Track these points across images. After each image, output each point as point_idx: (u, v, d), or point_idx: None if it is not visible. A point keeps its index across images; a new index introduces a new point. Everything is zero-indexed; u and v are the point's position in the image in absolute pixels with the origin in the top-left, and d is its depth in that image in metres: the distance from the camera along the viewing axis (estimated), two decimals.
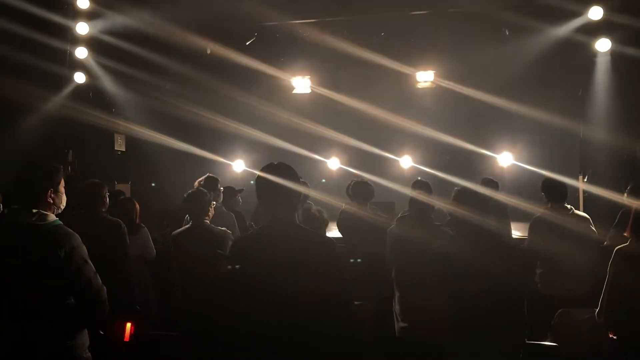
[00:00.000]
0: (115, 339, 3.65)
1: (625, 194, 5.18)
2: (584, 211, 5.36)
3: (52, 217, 2.92)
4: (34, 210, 2.86)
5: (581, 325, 4.09)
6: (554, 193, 4.98)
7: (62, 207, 3.06)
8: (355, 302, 4.27)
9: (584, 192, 7.35)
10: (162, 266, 5.14)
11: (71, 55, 7.71)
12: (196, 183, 5.27)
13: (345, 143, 9.62)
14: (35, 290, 2.79)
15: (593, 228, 4.90)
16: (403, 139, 9.64)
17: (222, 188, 5.57)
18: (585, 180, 7.50)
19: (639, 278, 3.50)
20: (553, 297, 4.66)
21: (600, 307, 3.68)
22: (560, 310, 4.40)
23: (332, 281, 2.54)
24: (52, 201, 2.95)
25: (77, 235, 2.92)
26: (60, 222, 2.93)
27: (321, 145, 9.88)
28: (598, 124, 7.24)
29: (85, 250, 2.92)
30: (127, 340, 3.71)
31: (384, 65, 8.78)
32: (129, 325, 3.72)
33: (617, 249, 3.64)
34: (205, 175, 5.41)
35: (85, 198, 4.58)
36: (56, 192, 2.98)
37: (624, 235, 3.72)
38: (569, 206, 4.92)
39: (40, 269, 2.79)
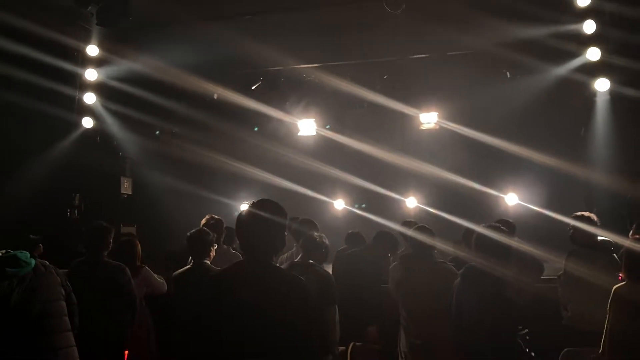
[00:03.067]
0: None
1: (631, 233, 5.15)
2: None
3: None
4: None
5: None
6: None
7: None
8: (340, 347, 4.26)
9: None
10: (164, 307, 5.15)
11: (80, 101, 7.88)
12: (203, 220, 5.28)
13: (351, 184, 9.65)
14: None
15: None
16: (408, 179, 9.66)
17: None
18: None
19: (633, 318, 3.45)
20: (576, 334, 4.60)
21: (603, 347, 3.63)
22: (565, 350, 4.35)
23: (301, 323, 2.46)
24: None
25: None
26: None
27: (327, 186, 9.92)
28: (601, 162, 7.25)
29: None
30: None
31: (387, 107, 8.91)
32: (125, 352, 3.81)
33: (615, 288, 3.62)
34: (209, 216, 5.40)
35: (91, 241, 4.65)
36: None
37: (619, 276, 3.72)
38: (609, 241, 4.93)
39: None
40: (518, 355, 3.64)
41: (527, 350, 3.87)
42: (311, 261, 4.12)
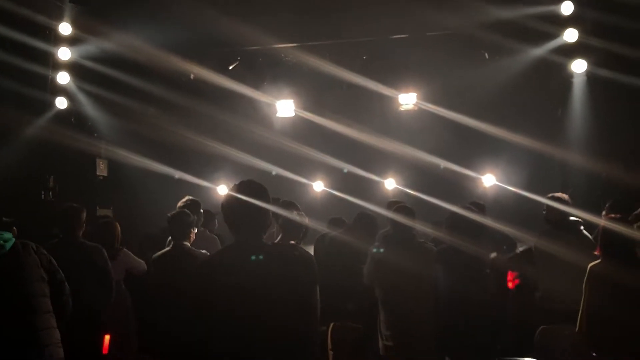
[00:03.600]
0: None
1: (604, 212, 5.23)
2: None
3: None
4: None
5: (562, 341, 4.11)
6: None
7: None
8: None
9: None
10: (142, 290, 5.11)
11: (53, 81, 7.70)
12: (180, 203, 5.23)
13: (330, 165, 9.63)
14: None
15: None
16: (387, 161, 9.67)
17: (202, 211, 5.54)
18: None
19: (609, 295, 3.51)
20: (547, 313, 4.67)
21: (579, 324, 3.69)
22: (541, 327, 4.42)
23: (301, 296, 2.53)
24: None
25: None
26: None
27: (306, 167, 9.89)
28: (577, 143, 7.35)
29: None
30: (106, 352, 3.77)
31: (367, 87, 8.87)
32: (107, 337, 3.76)
33: (590, 267, 3.68)
34: (186, 198, 5.34)
35: (64, 223, 4.57)
36: None
37: (594, 254, 3.77)
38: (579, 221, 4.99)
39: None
40: (496, 328, 3.69)
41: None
42: (292, 242, 4.11)
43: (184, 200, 5.36)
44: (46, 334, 3.40)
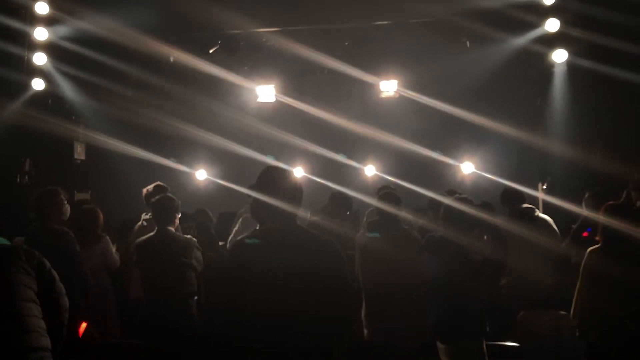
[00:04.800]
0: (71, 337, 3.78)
1: (583, 202, 5.32)
2: None
3: None
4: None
5: (542, 326, 4.19)
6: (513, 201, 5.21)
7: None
8: None
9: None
10: (123, 276, 5.07)
11: (29, 62, 7.51)
12: (144, 190, 5.19)
13: (310, 151, 9.61)
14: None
15: (554, 228, 5.04)
16: (367, 147, 9.70)
17: None
18: (544, 188, 7.69)
19: (606, 280, 3.57)
20: (515, 298, 4.76)
21: (574, 309, 3.76)
22: (522, 313, 4.50)
23: (337, 279, 2.57)
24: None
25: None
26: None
27: (285, 153, 9.86)
28: (556, 133, 7.45)
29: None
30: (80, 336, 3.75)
31: (348, 74, 8.85)
32: (83, 324, 3.75)
33: (589, 251, 3.73)
34: (154, 184, 5.29)
35: (38, 208, 4.48)
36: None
37: (582, 240, 3.84)
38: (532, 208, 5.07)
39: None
40: (485, 313, 3.73)
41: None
42: None
43: (151, 185, 5.33)
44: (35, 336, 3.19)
